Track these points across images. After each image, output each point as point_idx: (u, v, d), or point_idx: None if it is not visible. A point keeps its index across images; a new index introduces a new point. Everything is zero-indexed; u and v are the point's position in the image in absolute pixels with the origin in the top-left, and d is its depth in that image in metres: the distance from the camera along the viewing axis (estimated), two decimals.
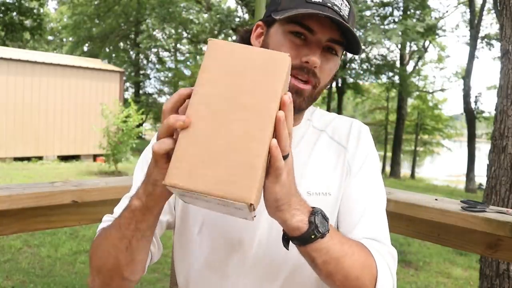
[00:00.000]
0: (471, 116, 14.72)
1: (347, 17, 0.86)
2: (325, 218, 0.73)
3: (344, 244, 0.76)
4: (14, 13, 19.11)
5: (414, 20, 15.49)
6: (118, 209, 0.93)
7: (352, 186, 0.93)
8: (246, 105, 0.63)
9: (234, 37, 18.00)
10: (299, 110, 0.89)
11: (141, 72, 24.29)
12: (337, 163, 0.94)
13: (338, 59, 0.91)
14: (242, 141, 0.62)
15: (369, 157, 0.96)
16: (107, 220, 0.92)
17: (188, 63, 23.05)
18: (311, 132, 0.98)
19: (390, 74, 18.10)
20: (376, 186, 0.95)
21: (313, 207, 0.73)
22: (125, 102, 13.94)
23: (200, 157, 0.61)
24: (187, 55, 23.46)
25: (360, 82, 19.36)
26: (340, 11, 0.84)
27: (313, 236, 0.70)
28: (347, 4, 0.87)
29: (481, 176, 13.70)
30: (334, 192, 0.92)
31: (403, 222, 1.34)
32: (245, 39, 0.96)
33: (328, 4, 0.83)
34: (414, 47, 18.46)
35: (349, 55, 18.50)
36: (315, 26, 0.84)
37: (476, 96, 15.51)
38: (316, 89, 0.88)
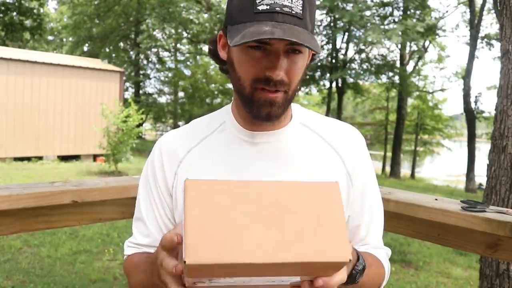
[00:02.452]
0: (471, 116, 14.72)
1: (300, 11, 0.82)
2: (359, 256, 0.84)
3: (371, 267, 0.89)
4: (14, 13, 19.11)
5: (414, 20, 15.49)
6: (136, 234, 1.00)
7: (359, 199, 0.98)
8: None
9: None
10: (277, 117, 0.89)
11: (141, 72, 24.29)
12: (332, 169, 0.95)
13: (305, 54, 0.88)
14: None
15: (368, 166, 1.00)
16: (132, 246, 1.00)
17: (188, 63, 23.04)
18: (308, 135, 0.98)
19: (390, 74, 18.09)
20: (377, 193, 1.02)
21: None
22: (125, 102, 13.93)
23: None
24: (187, 55, 23.46)
25: (360, 82, 19.35)
26: (292, 10, 0.81)
27: (358, 280, 0.84)
28: None
29: (481, 176, 13.70)
30: None
31: (403, 222, 1.34)
32: (213, 50, 0.96)
33: (277, 9, 0.80)
34: (414, 47, 18.45)
35: (349, 55, 18.36)
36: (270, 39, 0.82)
37: (476, 96, 15.52)
38: (289, 92, 0.88)
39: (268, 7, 0.80)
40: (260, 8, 0.80)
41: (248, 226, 0.63)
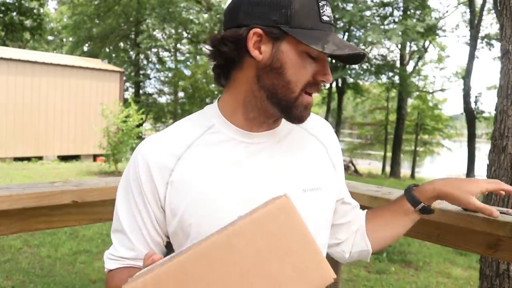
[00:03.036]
0: (471, 116, 14.72)
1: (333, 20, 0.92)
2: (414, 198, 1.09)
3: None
4: (14, 13, 19.11)
5: (414, 20, 15.49)
6: (118, 246, 0.97)
7: (341, 180, 1.09)
8: None
9: None
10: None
11: (141, 72, 24.28)
12: (321, 160, 1.02)
13: None
14: None
15: (341, 153, 1.12)
16: (113, 259, 0.97)
17: (188, 63, 23.03)
18: (297, 131, 1.02)
19: (390, 74, 18.09)
20: None
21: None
22: (125, 102, 13.93)
23: None
24: (187, 55, 23.45)
25: (360, 82, 19.35)
26: (332, 21, 0.91)
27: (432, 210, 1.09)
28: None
29: (481, 176, 13.70)
30: (324, 187, 0.99)
31: None
32: (215, 47, 0.92)
33: (332, 21, 0.90)
34: (414, 47, 18.45)
35: None
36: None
37: (476, 96, 15.51)
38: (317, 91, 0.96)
39: (328, 18, 0.89)
40: (324, 18, 0.88)
41: None
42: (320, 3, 0.87)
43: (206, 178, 0.90)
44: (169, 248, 0.99)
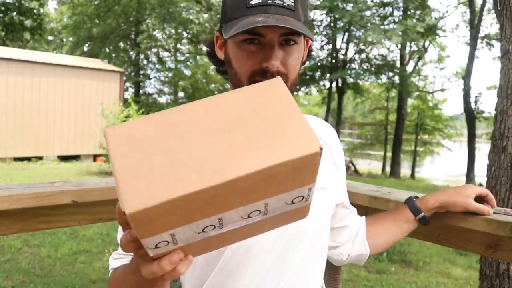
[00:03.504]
0: (471, 116, 14.72)
1: (292, 3, 0.84)
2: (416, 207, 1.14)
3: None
4: (14, 13, 19.11)
5: (414, 20, 15.49)
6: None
7: (342, 183, 1.12)
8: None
9: None
10: None
11: (141, 72, 24.28)
12: (326, 160, 1.03)
13: (300, 45, 0.90)
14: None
15: (343, 156, 1.15)
16: (117, 257, 0.93)
17: (188, 63, 23.04)
18: None
19: (390, 74, 18.08)
20: None
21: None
22: (125, 102, 13.93)
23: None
24: (187, 55, 23.45)
25: (360, 82, 19.34)
26: (284, 2, 0.83)
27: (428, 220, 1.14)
28: None
29: (481, 176, 13.70)
30: (328, 187, 1.00)
31: None
32: (210, 51, 0.99)
33: (269, 1, 0.82)
34: (414, 47, 18.45)
35: (349, 55, 18.39)
36: (262, 30, 0.84)
37: (476, 96, 15.52)
38: (288, 84, 0.89)
39: (260, 1, 0.82)
40: (252, 2, 0.83)
41: (189, 150, 0.51)
42: None
43: None
44: None
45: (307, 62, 1.04)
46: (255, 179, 0.50)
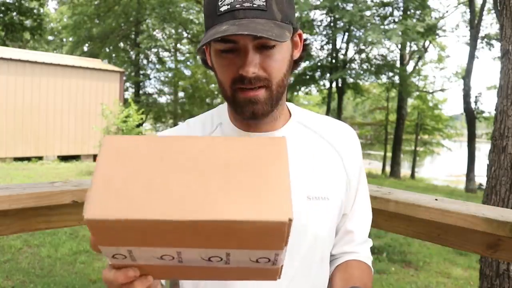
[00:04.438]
0: (471, 116, 14.72)
1: (264, 2, 0.80)
2: None
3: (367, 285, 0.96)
4: (14, 13, 19.10)
5: (414, 20, 15.48)
6: None
7: (357, 201, 1.01)
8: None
9: None
10: (264, 115, 0.88)
11: (141, 72, 24.28)
12: (334, 168, 0.96)
13: (282, 46, 0.86)
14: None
15: (361, 165, 1.02)
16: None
17: (188, 63, 23.05)
18: (307, 134, 0.98)
19: (390, 74, 18.08)
20: (367, 193, 1.05)
21: None
22: (125, 102, 13.94)
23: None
24: (187, 55, 23.45)
25: (360, 82, 19.34)
26: (253, 4, 0.79)
27: None
28: None
29: (481, 176, 13.70)
30: (332, 197, 0.94)
31: (403, 222, 1.34)
32: (202, 58, 0.97)
33: (237, 6, 0.79)
34: (414, 47, 18.44)
35: (349, 55, 18.36)
36: (234, 37, 0.81)
37: (476, 96, 15.50)
38: (272, 87, 0.86)
39: (228, 6, 0.80)
40: (222, 9, 0.80)
41: (167, 181, 0.52)
42: None
43: None
44: None
45: (307, 62, 1.00)
46: (216, 228, 0.50)
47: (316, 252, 0.93)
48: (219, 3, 0.81)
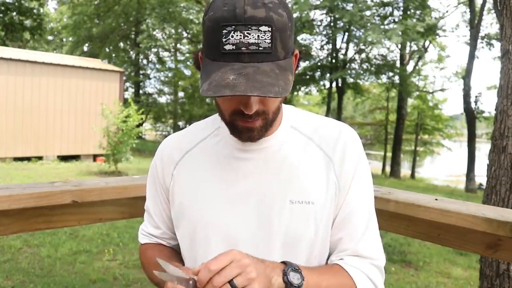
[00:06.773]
0: (471, 116, 14.72)
1: (269, 44, 0.78)
2: (296, 270, 0.82)
3: (322, 282, 0.87)
4: (14, 13, 19.11)
5: (414, 20, 15.49)
6: (147, 223, 1.11)
7: (346, 203, 0.95)
8: None
9: None
10: (259, 138, 0.90)
11: (141, 72, 24.30)
12: (323, 173, 0.94)
13: None
14: None
15: (358, 170, 0.95)
16: (145, 234, 1.11)
17: (188, 63, 23.06)
18: (298, 139, 0.97)
19: (390, 74, 18.10)
20: (368, 199, 0.98)
21: (284, 263, 0.84)
22: (125, 102, 13.94)
23: None
24: (187, 55, 23.46)
25: (360, 82, 19.35)
26: (259, 46, 0.77)
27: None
28: (268, 19, 0.77)
29: (481, 176, 13.70)
30: (318, 202, 0.92)
31: (403, 222, 1.34)
32: (197, 63, 0.93)
33: (243, 49, 0.77)
34: (414, 47, 18.45)
35: (349, 55, 18.34)
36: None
37: (476, 96, 15.52)
38: (269, 116, 0.87)
39: (234, 47, 0.77)
40: (226, 48, 0.77)
41: None
42: (224, 31, 0.77)
43: (198, 178, 0.97)
44: None
45: (307, 62, 0.99)
46: None
47: (299, 255, 0.92)
48: (224, 39, 0.77)
